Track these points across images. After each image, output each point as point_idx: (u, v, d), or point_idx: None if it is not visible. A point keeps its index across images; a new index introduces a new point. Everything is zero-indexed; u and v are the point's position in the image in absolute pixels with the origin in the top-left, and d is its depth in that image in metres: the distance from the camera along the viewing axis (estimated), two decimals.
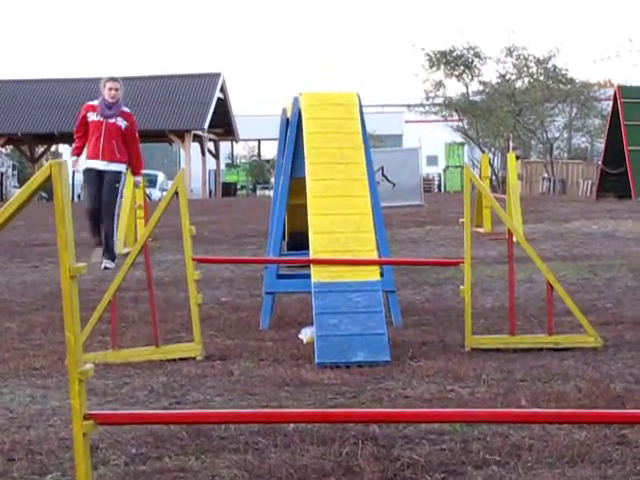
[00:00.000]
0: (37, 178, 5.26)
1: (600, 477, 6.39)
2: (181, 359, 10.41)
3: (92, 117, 19.66)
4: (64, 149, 67.79)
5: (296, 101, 12.64)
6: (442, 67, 72.23)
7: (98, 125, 19.41)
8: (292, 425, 7.44)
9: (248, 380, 9.38)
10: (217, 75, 72.93)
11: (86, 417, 5.27)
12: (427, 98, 72.13)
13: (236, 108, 77.27)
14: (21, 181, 68.32)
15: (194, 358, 10.46)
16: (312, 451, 6.94)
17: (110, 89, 19.55)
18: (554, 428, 7.31)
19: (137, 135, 20.19)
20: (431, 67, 72.20)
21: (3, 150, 68.16)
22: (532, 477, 6.41)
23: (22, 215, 5.30)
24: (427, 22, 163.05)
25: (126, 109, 20.24)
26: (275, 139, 14.06)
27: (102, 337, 10.55)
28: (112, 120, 19.34)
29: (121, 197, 19.68)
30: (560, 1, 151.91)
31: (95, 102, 20.15)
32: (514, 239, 11.50)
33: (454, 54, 71.78)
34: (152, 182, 53.60)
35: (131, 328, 11.38)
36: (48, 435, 7.40)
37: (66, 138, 68.14)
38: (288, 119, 12.89)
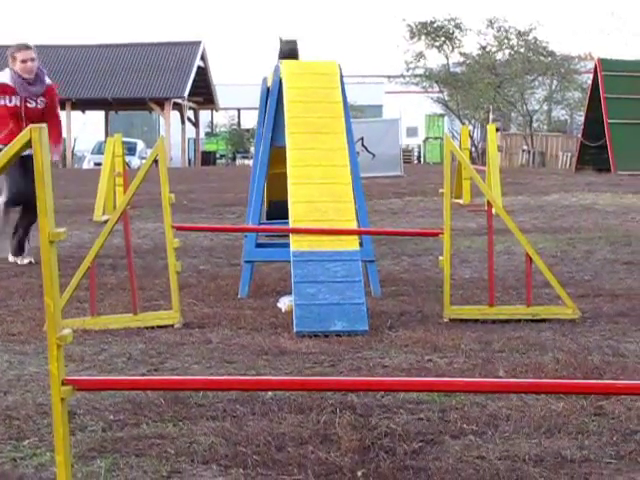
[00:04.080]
0: (17, 141, 5.24)
1: (577, 447, 6.40)
2: (159, 327, 10.42)
3: (4, 101, 15.44)
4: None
5: (277, 69, 12.64)
6: (423, 38, 72.24)
7: (14, 111, 15.37)
8: (270, 393, 7.46)
9: (226, 348, 9.39)
10: (197, 43, 72.84)
11: (64, 383, 5.27)
12: (407, 69, 72.18)
13: (216, 77, 77.30)
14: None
15: (172, 326, 10.47)
16: (290, 419, 6.95)
17: (25, 61, 15.20)
18: (531, 398, 7.33)
19: (58, 109, 16.52)
20: (412, 38, 72.19)
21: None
22: (509, 447, 6.43)
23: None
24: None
25: (48, 81, 16.17)
26: (255, 108, 14.08)
27: (80, 304, 10.55)
28: (32, 104, 15.38)
29: None
30: None
31: (6, 79, 15.54)
32: (493, 211, 11.51)
33: (435, 25, 71.84)
34: (131, 150, 53.58)
35: (109, 295, 11.38)
36: (25, 401, 7.40)
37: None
38: (269, 88, 12.89)
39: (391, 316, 10.70)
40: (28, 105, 15.19)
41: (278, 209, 12.60)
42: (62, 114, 62.94)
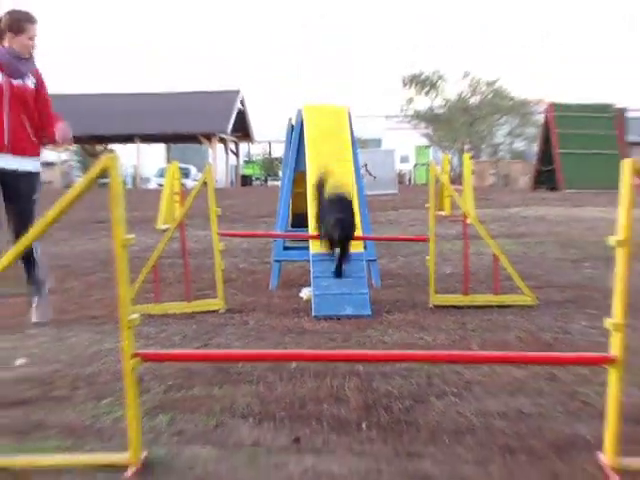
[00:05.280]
0: (95, 169, 5.24)
1: (533, 405, 6.39)
2: (207, 311, 10.41)
3: None
4: (117, 147, 67.70)
5: (299, 112, 12.65)
6: (413, 86, 72.26)
7: None
8: (294, 363, 7.44)
9: (260, 328, 9.37)
10: (237, 92, 72.95)
11: (134, 356, 5.27)
12: (401, 110, 72.12)
13: (252, 116, 77.26)
14: (83, 171, 68.31)
15: (217, 311, 10.45)
16: (309, 384, 6.94)
17: (32, 38, 10.00)
18: (498, 367, 7.31)
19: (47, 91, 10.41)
20: (405, 86, 72.23)
21: (70, 147, 67.87)
22: (481, 405, 6.41)
23: (84, 198, 5.29)
24: (403, 50, 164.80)
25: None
26: (282, 141, 14.02)
27: (146, 294, 10.53)
28: (19, 81, 9.93)
29: (38, 215, 9.56)
30: (506, 35, 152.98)
31: None
32: (468, 220, 11.48)
33: (422, 76, 71.81)
34: (186, 174, 53.48)
35: (169, 287, 11.37)
36: (104, 369, 7.39)
37: (117, 139, 68.18)
38: (293, 126, 12.90)
39: (389, 303, 10.69)
40: (14, 82, 9.88)
41: (300, 220, 12.55)
42: (133, 147, 62.23)
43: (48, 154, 66.93)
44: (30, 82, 10.03)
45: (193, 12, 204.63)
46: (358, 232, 11.00)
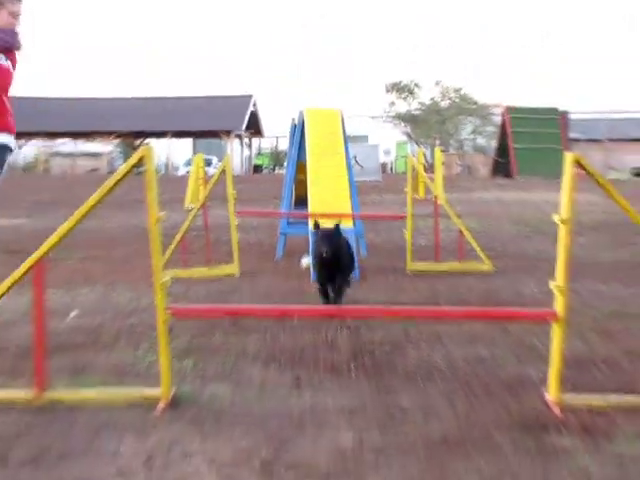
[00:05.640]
0: (133, 158, 5.24)
1: (490, 352, 6.42)
2: (225, 275, 10.42)
3: None
4: (152, 140, 67.60)
5: (301, 113, 12.64)
6: (394, 92, 72.13)
7: None
8: (296, 318, 7.46)
9: (268, 289, 9.38)
10: (250, 96, 72.84)
11: (165, 310, 5.28)
12: (385, 112, 71.97)
13: (263, 116, 77.11)
14: (124, 160, 68.40)
15: (233, 275, 10.46)
16: (308, 334, 6.96)
17: (17, 15, 7.84)
18: (463, 322, 7.33)
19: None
20: (387, 92, 72.09)
21: (114, 141, 67.86)
22: (447, 352, 6.45)
23: (125, 182, 5.29)
24: (385, 61, 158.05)
25: None
26: (287, 137, 14.02)
27: (175, 261, 10.52)
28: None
29: None
30: (472, 49, 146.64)
31: None
32: (439, 202, 11.50)
33: (402, 84, 71.68)
34: (209, 163, 53.26)
35: (194, 255, 11.36)
36: (141, 322, 7.40)
37: (153, 134, 68.05)
38: (296, 124, 12.91)
39: (373, 269, 10.70)
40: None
41: (301, 201, 12.54)
42: (166, 141, 61.65)
43: (96, 146, 66.75)
44: (4, 61, 7.80)
45: (193, 12, 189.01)
46: (348, 211, 10.98)
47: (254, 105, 73.99)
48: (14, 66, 7.92)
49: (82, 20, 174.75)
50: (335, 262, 7.71)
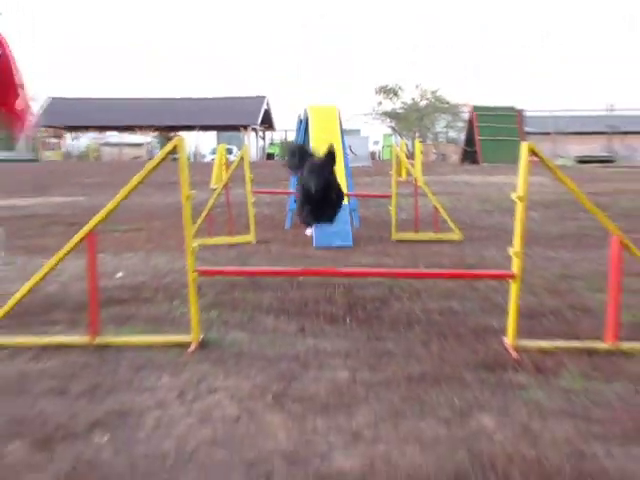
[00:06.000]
0: (168, 146, 5.22)
1: (461, 306, 6.41)
2: (244, 243, 10.41)
3: None
4: (183, 133, 67.39)
5: (305, 110, 12.58)
6: (381, 94, 71.96)
7: None
8: (301, 277, 7.45)
9: (279, 254, 9.37)
10: (264, 97, 72.59)
11: (194, 271, 5.27)
12: (373, 110, 71.81)
13: (274, 113, 76.87)
14: (161, 149, 68.29)
15: (250, 243, 10.45)
16: (311, 291, 6.95)
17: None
18: (437, 280, 7.33)
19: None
20: (376, 94, 71.92)
21: (152, 133, 67.69)
22: (424, 305, 6.43)
23: (161, 167, 5.27)
24: (385, 61, 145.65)
25: None
26: (294, 130, 13.96)
27: (203, 231, 10.50)
28: None
29: None
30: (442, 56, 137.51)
31: None
32: (418, 183, 11.47)
33: (388, 87, 71.49)
34: (230, 152, 53.34)
35: (218, 227, 11.34)
36: (175, 281, 7.40)
37: (184, 128, 67.83)
38: (301, 120, 12.86)
39: (364, 238, 10.68)
40: None
41: None
42: (194, 133, 61.06)
43: (138, 137, 66.55)
44: None
45: (193, 12, 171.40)
46: (344, 190, 10.95)
47: (267, 104, 73.80)
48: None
49: (82, 20, 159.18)
50: (324, 201, 5.94)
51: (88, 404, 4.19)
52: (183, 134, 69.88)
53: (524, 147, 5.15)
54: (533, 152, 5.17)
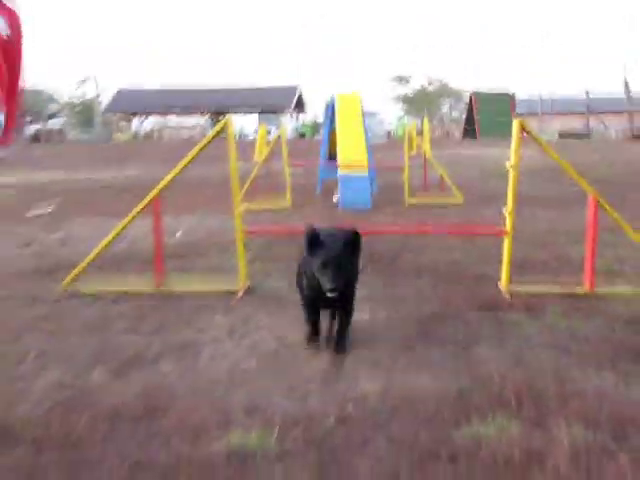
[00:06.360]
0: (218, 126, 5.22)
1: (464, 258, 6.40)
2: (281, 207, 10.42)
3: None
4: (230, 116, 67.02)
5: (333, 97, 12.52)
6: (396, 82, 71.45)
7: None
8: None
9: (311, 214, 9.37)
10: (296, 86, 72.12)
11: (242, 231, 5.29)
12: (389, 96, 71.59)
13: (307, 98, 76.50)
14: (212, 129, 68.15)
15: (287, 206, 10.47)
16: None
17: None
18: (443, 236, 7.30)
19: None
20: (391, 81, 71.49)
21: (205, 116, 67.56)
22: (432, 257, 6.42)
23: (212, 145, 5.28)
24: (402, 50, 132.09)
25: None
26: (323, 113, 13.92)
27: (249, 197, 10.52)
28: None
29: None
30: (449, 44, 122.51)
31: None
32: (426, 156, 11.40)
33: (401, 76, 71.02)
34: (269, 132, 53.28)
35: (260, 193, 11.34)
36: (226, 239, 7.41)
37: (231, 111, 67.52)
38: (329, 104, 12.82)
39: (380, 202, 10.64)
40: None
41: (332, 156, 12.47)
42: (240, 116, 60.54)
43: (192, 120, 66.41)
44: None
45: (193, 12, 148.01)
46: (365, 163, 10.89)
47: (299, 92, 73.37)
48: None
49: (82, 20, 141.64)
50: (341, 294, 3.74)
51: (155, 339, 4.24)
52: (230, 116, 69.52)
53: (516, 123, 5.12)
54: (523, 128, 5.13)
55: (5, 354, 4.02)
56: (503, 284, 5.16)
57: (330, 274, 3.64)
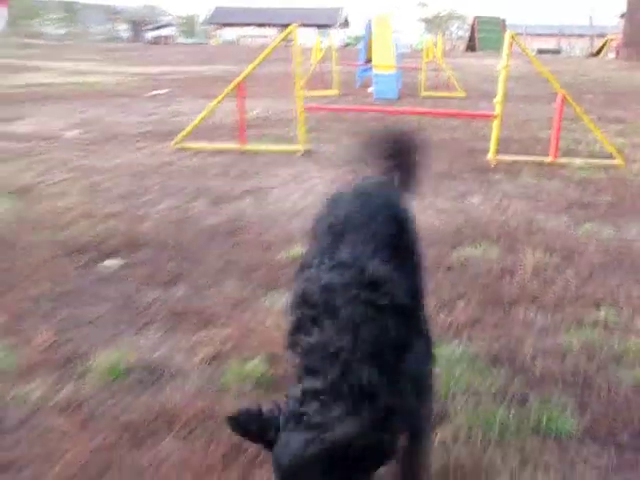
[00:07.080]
0: (285, 33, 4.94)
1: (460, 135, 6.14)
2: (331, 94, 9.98)
3: None
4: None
5: (371, 17, 11.76)
6: (420, 6, 67.10)
7: None
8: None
9: (353, 101, 9.00)
10: (342, 7, 67.75)
11: (302, 108, 5.09)
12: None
13: (350, 17, 72.13)
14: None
15: (335, 93, 10.04)
16: (370, 123, 6.64)
17: None
18: (448, 119, 6.95)
19: None
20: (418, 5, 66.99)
21: (274, 28, 64.52)
22: (439, 134, 6.16)
23: (281, 50, 5.00)
24: None
25: None
26: (363, 27, 13.10)
27: (307, 87, 10.05)
28: None
29: None
30: None
31: None
32: (439, 62, 10.72)
33: (424, 2, 66.56)
34: (322, 41, 50.81)
35: (314, 82, 10.77)
36: (290, 115, 7.02)
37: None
38: (368, 22, 12.07)
39: (404, 95, 10.09)
40: None
41: (369, 60, 11.83)
42: (300, 30, 58.34)
43: (264, 31, 63.47)
44: None
45: None
46: (392, 64, 10.32)
47: (345, 12, 69.18)
48: None
49: None
50: None
51: (240, 181, 4.22)
52: (294, 26, 66.22)
53: (508, 34, 4.83)
54: (513, 38, 4.84)
55: (134, 189, 4.06)
56: (491, 155, 4.98)
57: None
